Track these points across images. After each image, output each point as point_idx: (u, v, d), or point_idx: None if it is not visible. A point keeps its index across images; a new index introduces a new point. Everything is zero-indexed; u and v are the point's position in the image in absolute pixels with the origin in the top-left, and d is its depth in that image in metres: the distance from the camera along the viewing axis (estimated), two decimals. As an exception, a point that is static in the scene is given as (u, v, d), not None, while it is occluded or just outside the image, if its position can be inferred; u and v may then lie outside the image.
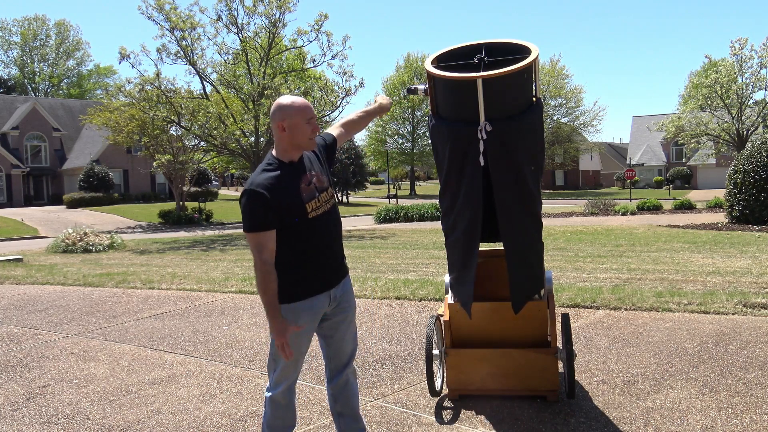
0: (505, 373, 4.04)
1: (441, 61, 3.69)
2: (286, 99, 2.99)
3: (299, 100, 2.99)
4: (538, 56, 3.47)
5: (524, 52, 3.55)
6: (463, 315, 4.06)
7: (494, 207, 3.64)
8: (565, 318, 4.08)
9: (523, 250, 3.77)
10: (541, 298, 4.06)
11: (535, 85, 3.62)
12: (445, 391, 4.27)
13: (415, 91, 3.80)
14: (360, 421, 3.30)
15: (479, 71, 3.43)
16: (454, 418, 3.90)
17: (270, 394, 3.11)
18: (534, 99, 3.63)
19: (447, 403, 4.14)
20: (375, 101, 3.67)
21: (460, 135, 3.49)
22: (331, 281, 3.06)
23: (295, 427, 3.25)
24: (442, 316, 4.19)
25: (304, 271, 2.97)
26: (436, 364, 4.25)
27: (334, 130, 3.35)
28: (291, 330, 2.91)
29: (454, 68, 3.54)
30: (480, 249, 4.38)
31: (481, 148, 3.44)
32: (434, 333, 4.11)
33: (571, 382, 3.91)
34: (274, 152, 3.01)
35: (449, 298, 4.18)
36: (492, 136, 3.41)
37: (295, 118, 2.93)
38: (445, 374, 4.30)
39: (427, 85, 3.67)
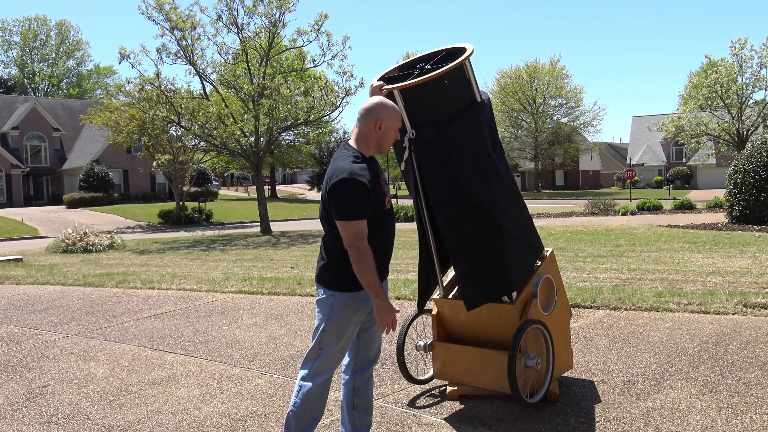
0: (482, 371, 4.05)
1: (402, 70, 3.81)
2: (388, 101, 3.09)
3: (396, 107, 3.12)
4: (467, 59, 3.53)
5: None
6: (449, 310, 4.15)
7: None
8: (523, 325, 3.80)
9: (465, 250, 3.78)
10: (512, 302, 3.96)
11: (475, 86, 3.65)
12: (435, 382, 4.34)
13: None
14: (371, 416, 3.39)
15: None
16: (454, 418, 3.90)
17: (307, 384, 3.12)
18: (477, 100, 3.66)
19: (447, 403, 4.15)
20: None
21: (398, 142, 3.61)
22: (385, 274, 3.19)
23: (320, 421, 3.27)
24: (432, 310, 4.26)
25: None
26: (420, 354, 4.40)
27: None
28: (395, 309, 3.03)
29: (401, 78, 3.66)
30: None
31: (405, 155, 3.58)
32: (415, 325, 4.19)
33: (513, 388, 3.69)
34: (354, 145, 3.06)
35: (436, 293, 4.24)
36: (419, 142, 3.54)
37: (393, 123, 3.07)
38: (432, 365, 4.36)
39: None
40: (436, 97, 3.52)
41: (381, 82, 3.46)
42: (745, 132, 35.67)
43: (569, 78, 69.67)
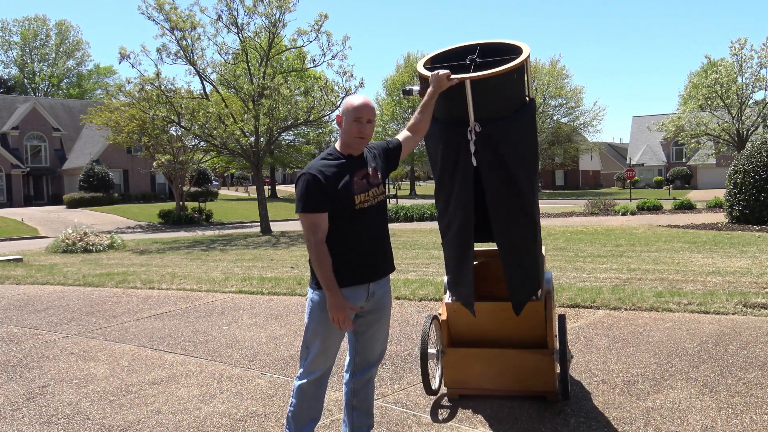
0: (501, 373, 4.03)
1: (435, 62, 3.71)
2: (352, 97, 3.13)
3: (360, 99, 3.10)
4: (528, 56, 3.48)
5: (517, 52, 3.56)
6: (460, 314, 4.08)
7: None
8: (561, 319, 4.06)
9: (518, 250, 3.76)
10: (538, 299, 4.05)
11: (528, 85, 3.62)
12: (443, 390, 4.27)
13: (410, 92, 3.79)
14: (371, 417, 3.38)
15: (470, 72, 3.44)
16: (455, 418, 3.90)
17: (299, 382, 3.15)
18: (527, 99, 3.63)
19: (447, 403, 4.14)
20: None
21: (451, 136, 3.52)
22: (371, 275, 3.14)
23: (320, 421, 3.28)
24: (440, 315, 4.20)
25: (347, 259, 3.04)
26: (433, 363, 4.26)
27: (400, 135, 3.45)
28: (349, 306, 3.00)
29: (446, 70, 3.55)
30: (480, 249, 4.38)
31: (472, 149, 3.47)
32: (431, 332, 4.12)
33: (564, 383, 3.89)
34: (337, 145, 3.15)
35: (447, 297, 4.19)
36: (482, 137, 3.44)
37: (348, 114, 3.07)
38: (443, 373, 4.30)
39: (421, 87, 3.68)
40: (502, 91, 3.43)
41: (447, 71, 3.34)
42: (745, 132, 35.64)
43: (569, 78, 69.78)
